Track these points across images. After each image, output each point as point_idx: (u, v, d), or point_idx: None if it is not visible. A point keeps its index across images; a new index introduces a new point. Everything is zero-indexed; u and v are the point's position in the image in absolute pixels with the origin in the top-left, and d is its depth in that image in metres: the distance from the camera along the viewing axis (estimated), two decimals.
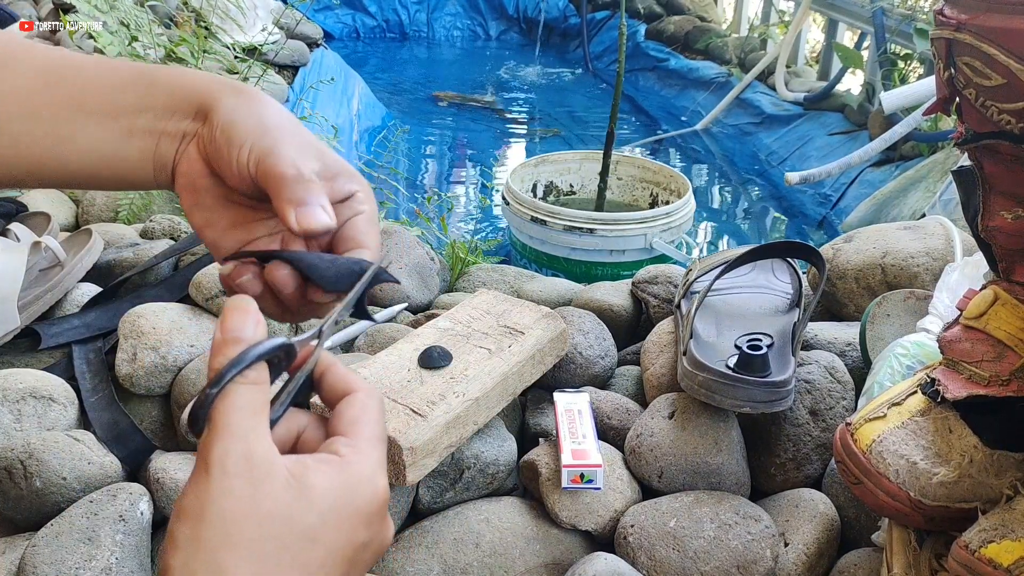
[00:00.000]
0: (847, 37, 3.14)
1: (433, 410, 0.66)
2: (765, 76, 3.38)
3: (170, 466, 0.68)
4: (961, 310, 0.62)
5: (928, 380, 0.61)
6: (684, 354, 0.75)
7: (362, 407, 0.36)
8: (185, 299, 0.90)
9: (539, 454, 0.73)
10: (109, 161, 0.44)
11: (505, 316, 0.80)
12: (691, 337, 0.76)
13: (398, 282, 0.55)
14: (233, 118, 0.42)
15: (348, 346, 0.89)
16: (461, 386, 0.69)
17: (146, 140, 0.44)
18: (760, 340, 0.72)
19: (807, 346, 0.84)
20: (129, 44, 1.48)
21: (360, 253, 0.43)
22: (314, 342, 0.36)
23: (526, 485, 0.74)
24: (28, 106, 0.43)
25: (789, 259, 0.92)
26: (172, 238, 1.09)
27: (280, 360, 0.35)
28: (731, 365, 0.71)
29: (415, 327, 0.87)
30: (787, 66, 3.27)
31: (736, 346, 0.73)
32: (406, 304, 0.98)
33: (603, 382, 0.86)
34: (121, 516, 0.64)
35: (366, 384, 0.37)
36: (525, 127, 3.65)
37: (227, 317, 0.35)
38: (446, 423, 0.66)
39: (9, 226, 0.95)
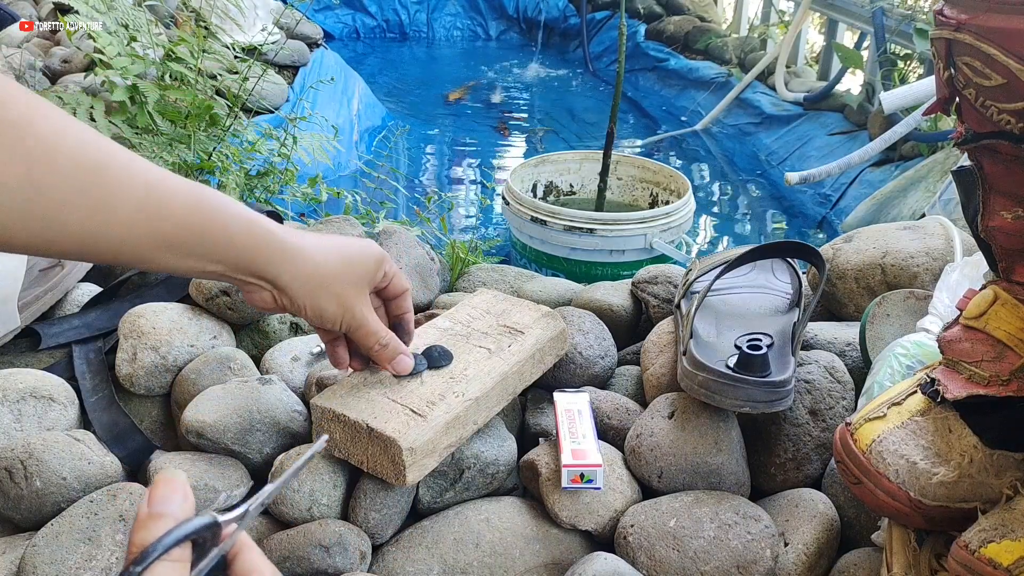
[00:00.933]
0: (847, 37, 3.14)
1: (433, 410, 0.66)
2: (765, 76, 3.38)
3: (170, 466, 0.68)
4: (961, 310, 0.62)
5: (928, 380, 0.61)
6: (684, 354, 0.75)
7: None
8: (185, 299, 0.90)
9: (539, 454, 0.73)
10: (176, 274, 0.57)
11: (505, 316, 0.80)
12: (691, 337, 0.76)
13: None
14: (317, 304, 0.60)
15: None
16: (461, 386, 0.69)
17: (215, 276, 0.56)
18: (760, 340, 0.72)
19: (807, 346, 0.84)
20: (128, 44, 1.48)
21: (404, 295, 0.69)
22: (234, 526, 0.37)
23: (526, 485, 0.74)
24: (123, 238, 0.47)
25: (789, 259, 0.92)
26: None
27: (205, 540, 0.35)
28: (731, 365, 0.71)
29: (415, 326, 0.87)
30: (787, 66, 3.27)
31: (736, 346, 0.73)
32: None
33: (603, 382, 0.86)
34: (121, 516, 0.64)
35: (272, 573, 0.39)
36: (525, 126, 3.65)
37: (155, 490, 0.35)
38: (446, 423, 0.66)
39: None
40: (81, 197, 0.44)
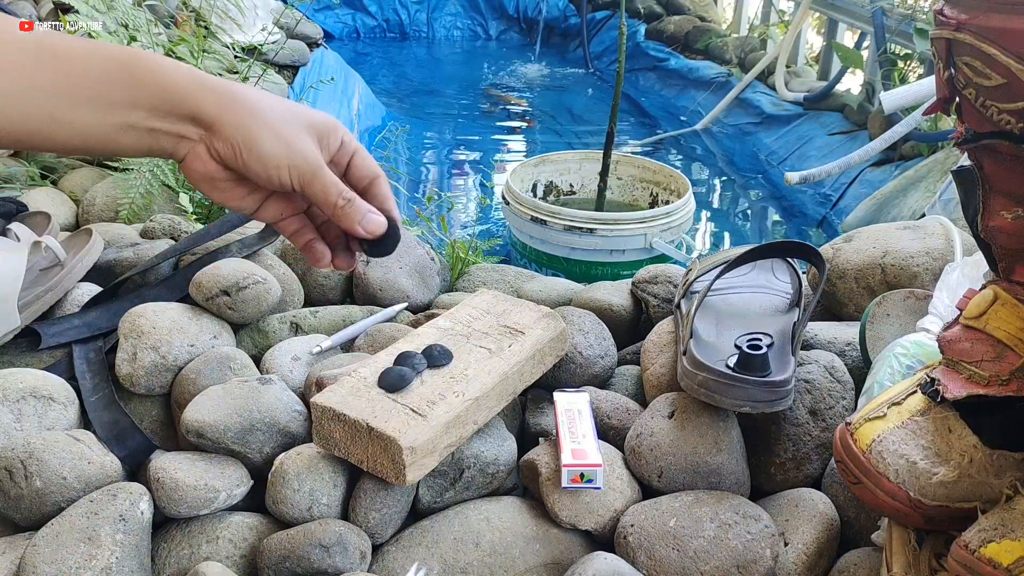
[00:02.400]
0: (847, 37, 3.14)
1: (433, 409, 0.66)
2: (765, 76, 3.38)
3: (170, 466, 0.68)
4: (961, 310, 0.62)
5: (928, 380, 0.61)
6: (684, 354, 0.75)
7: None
8: (185, 299, 0.90)
9: (539, 454, 0.73)
10: (103, 144, 0.48)
11: (505, 316, 0.80)
12: (691, 337, 0.76)
13: None
14: (253, 137, 0.50)
15: (348, 346, 0.89)
16: (461, 385, 0.69)
17: (140, 135, 0.48)
18: (760, 340, 0.72)
19: (807, 346, 0.84)
20: (128, 44, 1.48)
21: (376, 181, 0.57)
22: None
23: (526, 485, 0.74)
24: (21, 83, 0.44)
25: (789, 259, 0.92)
26: (172, 238, 1.09)
27: None
28: (731, 365, 0.71)
29: (415, 327, 0.87)
30: (787, 66, 3.27)
31: (736, 346, 0.73)
32: (406, 304, 0.98)
33: (603, 382, 0.86)
34: (121, 516, 0.64)
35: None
36: (525, 129, 3.65)
37: None
38: (446, 423, 0.66)
39: (9, 226, 0.95)
40: None
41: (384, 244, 0.57)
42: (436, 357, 0.72)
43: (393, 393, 0.68)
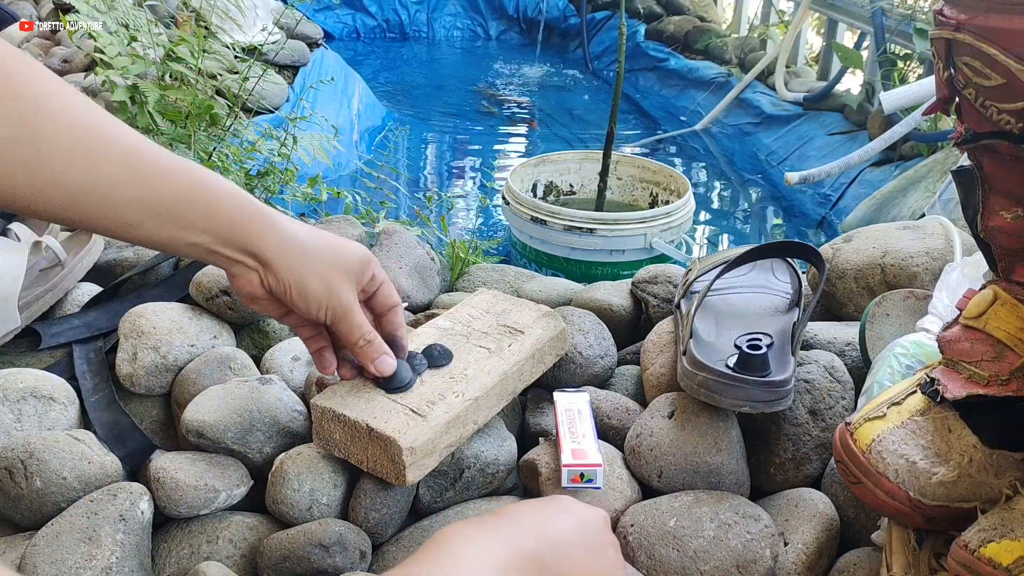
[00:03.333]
0: (847, 37, 3.14)
1: (433, 410, 0.66)
2: (765, 76, 3.38)
3: (170, 466, 0.68)
4: (961, 310, 0.62)
5: (927, 380, 0.61)
6: (684, 354, 0.75)
7: None
8: (185, 299, 0.90)
9: (539, 454, 0.73)
10: (163, 248, 0.54)
11: (505, 315, 0.80)
12: (691, 337, 0.76)
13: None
14: (304, 283, 0.58)
15: None
16: (461, 386, 0.69)
17: (202, 252, 0.55)
18: (760, 340, 0.72)
19: (807, 346, 0.84)
20: (128, 44, 1.48)
21: (394, 310, 0.68)
22: None
23: (526, 485, 0.74)
24: (112, 192, 0.49)
25: (789, 259, 0.92)
26: None
27: None
28: (731, 365, 0.71)
29: (415, 326, 0.87)
30: (787, 66, 3.27)
31: (736, 346, 0.73)
32: (406, 304, 0.98)
33: (603, 382, 0.86)
34: (121, 516, 0.64)
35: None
36: (525, 129, 3.65)
37: None
38: (446, 423, 0.66)
39: (9, 225, 0.95)
40: (70, 151, 0.47)
41: (390, 381, 0.67)
42: (436, 357, 0.72)
43: (393, 393, 0.68)
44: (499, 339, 0.76)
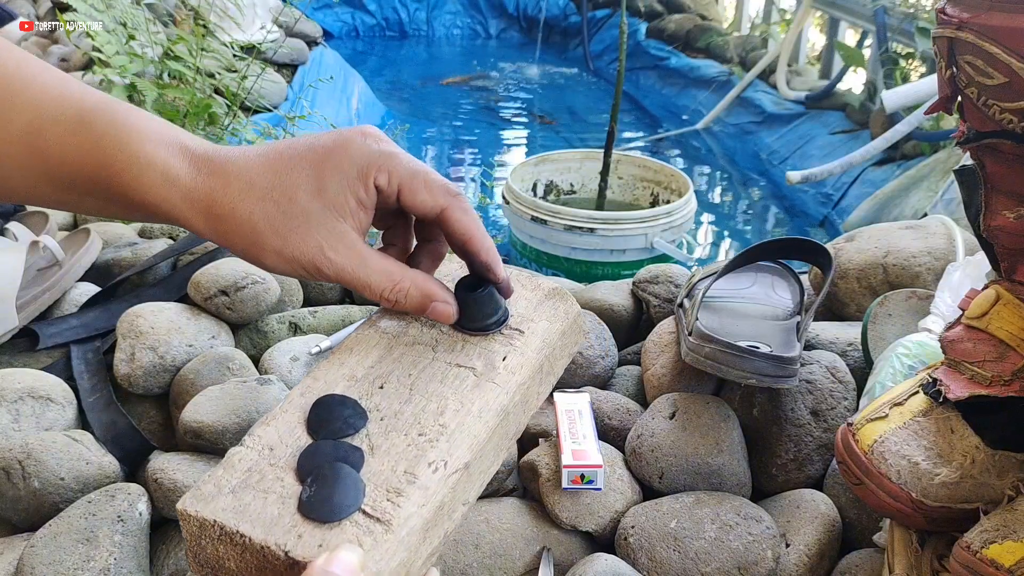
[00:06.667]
0: (849, 36, 3.13)
1: (399, 506, 0.38)
2: (766, 75, 3.38)
3: (168, 466, 0.68)
4: (963, 310, 0.61)
5: (930, 380, 0.61)
6: (690, 334, 0.74)
7: None
8: (183, 299, 0.90)
9: (539, 454, 0.73)
10: (82, 212, 0.48)
11: None
12: (696, 320, 0.76)
13: None
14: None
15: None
16: (438, 448, 0.41)
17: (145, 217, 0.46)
18: (759, 348, 0.72)
19: (809, 346, 0.83)
20: (126, 43, 1.48)
21: (444, 213, 0.46)
22: None
23: (526, 485, 0.74)
24: (13, 163, 0.44)
25: (790, 272, 0.90)
26: (171, 238, 1.09)
27: None
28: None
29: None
30: (788, 65, 3.27)
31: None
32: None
33: (603, 382, 0.86)
34: (119, 516, 0.64)
35: None
36: (525, 128, 3.65)
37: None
38: (424, 523, 0.38)
39: (7, 225, 0.95)
40: None
41: (472, 320, 0.46)
42: (339, 423, 0.42)
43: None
44: (487, 348, 0.48)
